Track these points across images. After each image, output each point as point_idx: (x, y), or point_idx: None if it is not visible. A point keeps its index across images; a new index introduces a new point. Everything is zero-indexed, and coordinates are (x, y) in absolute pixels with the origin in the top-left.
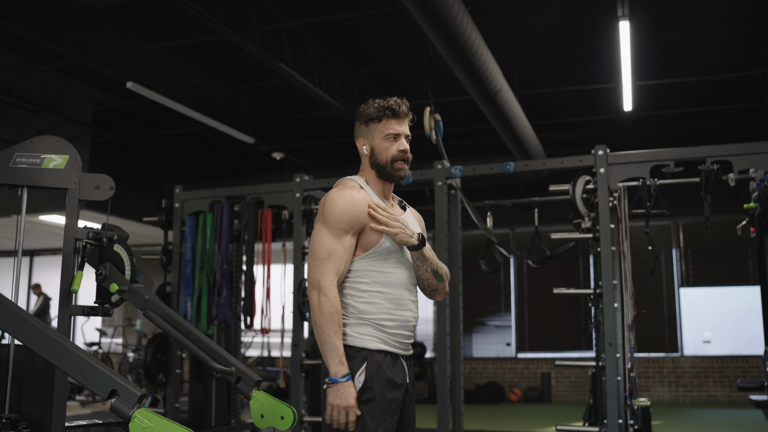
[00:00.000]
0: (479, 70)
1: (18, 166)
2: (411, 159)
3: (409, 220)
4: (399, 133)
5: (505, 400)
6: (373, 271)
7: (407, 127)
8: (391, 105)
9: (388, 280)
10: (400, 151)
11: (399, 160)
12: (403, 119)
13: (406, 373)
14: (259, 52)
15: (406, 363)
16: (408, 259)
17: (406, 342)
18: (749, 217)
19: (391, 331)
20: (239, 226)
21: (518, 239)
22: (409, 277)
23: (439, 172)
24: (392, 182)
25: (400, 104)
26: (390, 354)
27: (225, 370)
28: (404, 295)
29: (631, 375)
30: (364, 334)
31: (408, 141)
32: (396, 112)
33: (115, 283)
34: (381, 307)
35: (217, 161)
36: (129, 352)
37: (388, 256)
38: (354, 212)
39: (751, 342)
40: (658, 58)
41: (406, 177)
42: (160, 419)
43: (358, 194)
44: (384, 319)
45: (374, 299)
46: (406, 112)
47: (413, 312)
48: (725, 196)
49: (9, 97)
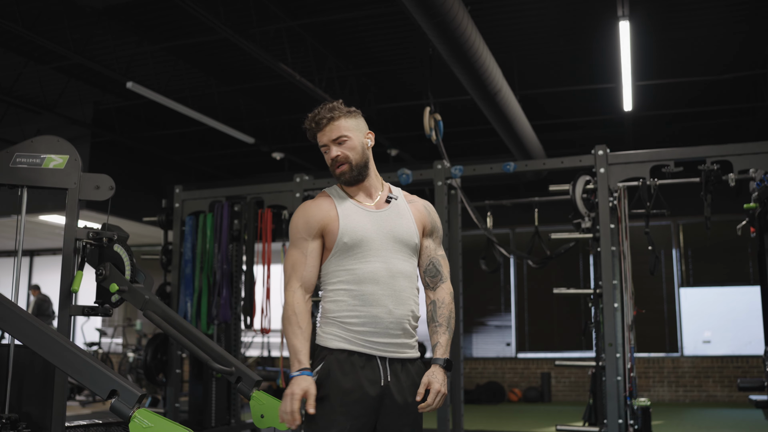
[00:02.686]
0: (479, 70)
1: (18, 166)
2: (349, 156)
3: (391, 213)
4: (325, 144)
5: (505, 400)
6: (340, 269)
7: (334, 129)
8: (306, 126)
9: (353, 276)
10: (332, 160)
11: (336, 167)
12: (325, 127)
13: (381, 375)
14: (259, 52)
15: (390, 365)
16: (387, 253)
17: (381, 341)
18: (749, 217)
19: (356, 329)
20: (239, 226)
21: (518, 239)
22: (386, 271)
23: (439, 172)
24: (350, 185)
25: (315, 117)
26: (358, 354)
27: (225, 370)
28: (375, 291)
29: (631, 375)
30: (328, 333)
31: (340, 141)
32: (314, 127)
33: (115, 283)
34: (345, 305)
35: (217, 161)
36: (129, 352)
37: (352, 252)
38: (306, 219)
39: (751, 342)
40: (658, 58)
41: (350, 176)
42: (160, 419)
43: (313, 202)
44: (347, 317)
45: (338, 297)
46: (325, 118)
47: (388, 307)
48: (725, 196)
49: (9, 97)
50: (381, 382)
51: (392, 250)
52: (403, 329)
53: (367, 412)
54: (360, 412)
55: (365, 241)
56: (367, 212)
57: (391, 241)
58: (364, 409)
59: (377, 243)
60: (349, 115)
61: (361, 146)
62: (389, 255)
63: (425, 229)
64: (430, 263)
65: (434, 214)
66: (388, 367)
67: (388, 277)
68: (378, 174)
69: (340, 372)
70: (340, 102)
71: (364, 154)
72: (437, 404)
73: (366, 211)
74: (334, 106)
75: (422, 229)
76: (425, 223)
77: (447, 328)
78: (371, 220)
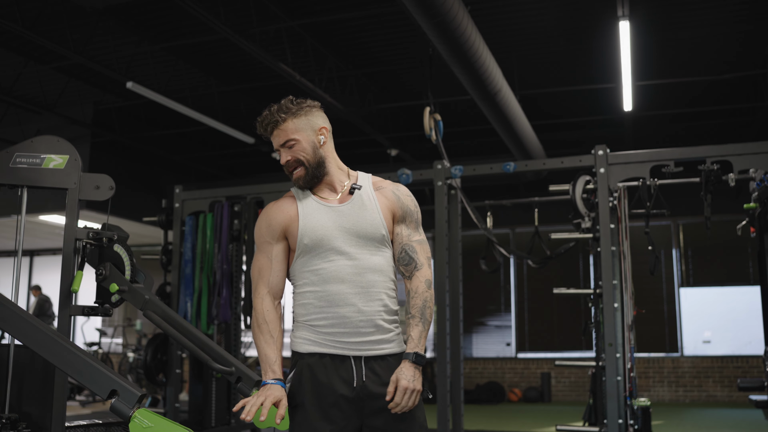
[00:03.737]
0: (479, 70)
1: (18, 166)
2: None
3: (354, 206)
4: (276, 148)
5: (505, 400)
6: (305, 270)
7: (281, 134)
8: (258, 130)
9: (318, 277)
10: (284, 166)
11: (290, 172)
12: (272, 132)
13: (354, 375)
14: (259, 52)
15: (365, 364)
16: (352, 249)
17: (353, 341)
18: (749, 217)
19: (326, 331)
20: (239, 226)
21: (518, 239)
22: (352, 268)
23: (439, 172)
24: (308, 188)
25: (262, 122)
26: (330, 356)
27: (225, 370)
28: (341, 290)
29: (631, 375)
30: (299, 338)
31: (288, 146)
32: (263, 133)
33: (115, 283)
34: (312, 307)
35: (217, 161)
36: (129, 352)
37: (315, 252)
38: (268, 222)
39: (751, 342)
40: (658, 58)
41: (306, 180)
42: (160, 419)
43: (275, 204)
44: (315, 319)
45: (305, 300)
46: (270, 124)
47: (357, 306)
48: (725, 196)
49: (9, 97)
50: (354, 382)
51: (357, 245)
52: (375, 326)
53: (345, 414)
54: (338, 416)
55: (326, 239)
56: (328, 209)
57: (353, 236)
58: (342, 412)
59: (339, 240)
60: (298, 114)
61: (311, 146)
62: (354, 251)
63: (395, 216)
64: (402, 251)
65: (405, 197)
66: (364, 366)
67: (354, 274)
68: (342, 165)
69: (312, 376)
70: (289, 99)
71: (316, 154)
72: (407, 403)
73: (327, 207)
74: (280, 107)
75: (391, 216)
76: (394, 209)
77: (420, 320)
78: (332, 217)
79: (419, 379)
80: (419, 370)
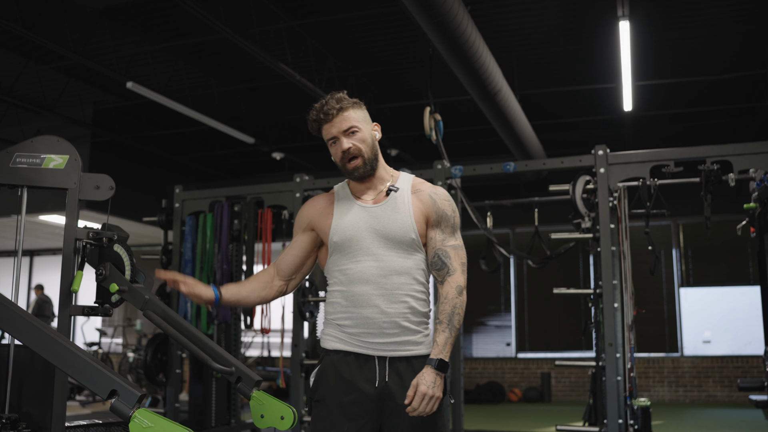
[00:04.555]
0: (479, 70)
1: (18, 166)
2: (361, 148)
3: (387, 208)
4: (334, 136)
5: (505, 400)
6: (335, 269)
7: (345, 120)
8: (313, 117)
9: (346, 277)
10: (343, 153)
11: (347, 161)
12: (334, 118)
13: (377, 376)
14: (259, 52)
15: (390, 365)
16: (380, 251)
17: (378, 341)
18: (749, 217)
19: (351, 330)
20: (239, 226)
21: (518, 239)
22: (377, 270)
23: (439, 172)
24: (362, 180)
25: (322, 108)
26: (355, 354)
27: (225, 370)
28: (365, 291)
29: (631, 375)
30: (326, 335)
31: (350, 133)
32: (322, 119)
33: (115, 283)
34: (339, 306)
35: (217, 161)
36: (129, 352)
37: (344, 251)
38: (300, 213)
39: (751, 342)
40: (658, 58)
41: (364, 171)
42: (160, 419)
43: (313, 199)
44: (341, 318)
45: (334, 298)
46: (334, 108)
47: (380, 308)
48: (725, 196)
49: (9, 97)
50: (376, 382)
51: (385, 247)
52: (400, 327)
53: (364, 413)
54: (357, 413)
55: (355, 239)
56: (361, 209)
57: (382, 238)
58: (362, 410)
59: (368, 241)
60: (357, 105)
61: (371, 138)
62: (382, 252)
63: (429, 220)
64: (435, 255)
65: (442, 201)
66: (388, 366)
67: (379, 276)
68: (386, 165)
69: (335, 373)
70: (344, 92)
71: (374, 147)
72: (424, 408)
73: (361, 207)
74: (341, 97)
75: (425, 220)
76: (428, 213)
77: (447, 326)
78: (363, 217)
79: (440, 386)
80: (441, 376)
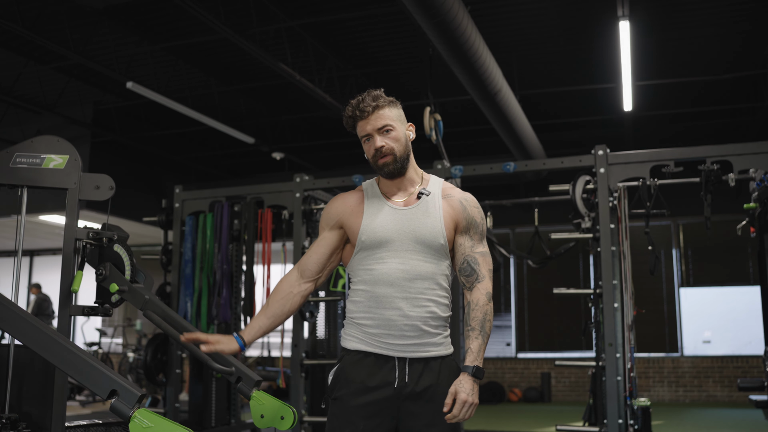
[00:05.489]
0: (479, 70)
1: (18, 166)
2: (394, 147)
3: (418, 211)
4: (368, 133)
5: (505, 400)
6: (360, 269)
7: (380, 118)
8: (348, 114)
9: (370, 276)
10: (375, 150)
11: (379, 158)
12: (369, 115)
13: (396, 377)
14: (259, 52)
15: (409, 366)
16: (407, 254)
17: (398, 343)
18: (749, 217)
19: (371, 331)
20: (239, 226)
21: (518, 239)
22: (402, 273)
23: (439, 172)
24: (390, 178)
25: (358, 105)
26: (375, 355)
27: (225, 370)
28: (388, 293)
29: (631, 375)
30: (347, 334)
31: (385, 131)
32: (358, 115)
33: (115, 283)
34: (362, 306)
35: (217, 161)
36: (129, 352)
37: (372, 252)
38: (328, 210)
39: (751, 342)
40: (658, 58)
41: (394, 168)
42: (160, 419)
43: (342, 195)
44: (363, 318)
45: (357, 297)
46: (370, 106)
47: (403, 311)
48: (725, 196)
49: (9, 97)
50: (396, 383)
51: (413, 251)
52: (420, 331)
53: (381, 412)
54: (373, 412)
55: (384, 241)
56: (393, 210)
57: (411, 241)
58: (379, 409)
59: (397, 243)
60: (393, 104)
61: (404, 138)
62: (409, 256)
63: (458, 226)
64: (465, 262)
65: (472, 208)
66: (407, 367)
67: (404, 279)
68: (417, 167)
69: (354, 372)
70: (381, 91)
71: (407, 147)
72: (464, 415)
73: (393, 209)
74: (378, 95)
75: (454, 226)
76: (458, 219)
77: (480, 333)
78: (395, 220)
79: (477, 392)
80: (477, 384)
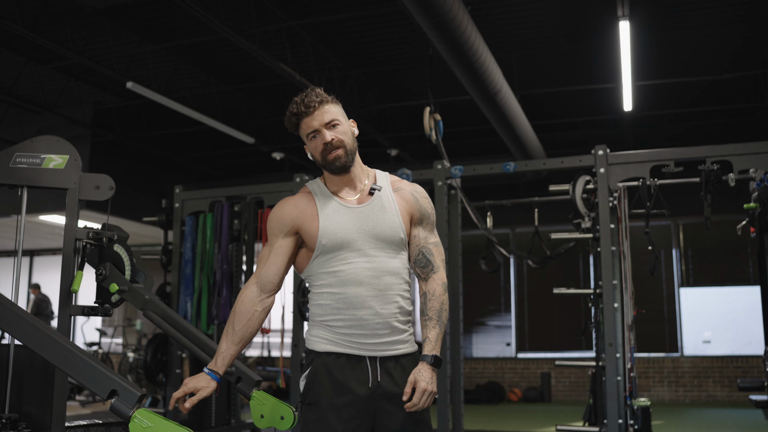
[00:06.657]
0: (479, 70)
1: (18, 166)
2: (344, 140)
3: (374, 207)
4: (315, 129)
5: (505, 400)
6: (322, 272)
7: (326, 113)
8: (293, 111)
9: (337, 279)
10: (324, 145)
11: (329, 152)
12: (315, 111)
13: (369, 376)
14: (259, 52)
15: (381, 364)
16: (371, 251)
17: (370, 342)
18: (749, 217)
19: (342, 332)
20: (239, 226)
21: (518, 239)
22: (370, 271)
23: (439, 172)
24: (340, 174)
25: (303, 101)
26: (346, 355)
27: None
28: (359, 293)
29: (631, 375)
30: (314, 336)
31: (332, 125)
32: (303, 112)
33: (115, 283)
34: (329, 308)
35: (217, 161)
36: (129, 352)
37: (334, 253)
38: (280, 216)
39: (751, 342)
40: (658, 58)
41: (346, 161)
42: (160, 419)
43: (290, 199)
44: (332, 320)
45: (323, 300)
46: (315, 102)
47: (374, 309)
48: (725, 196)
49: (9, 97)
50: (369, 382)
51: (376, 248)
52: (391, 328)
53: (359, 414)
54: (352, 415)
55: (346, 242)
56: (348, 210)
57: (373, 239)
58: (356, 411)
59: (359, 243)
60: (335, 101)
61: (351, 132)
62: (373, 253)
63: (413, 218)
64: (419, 253)
65: (423, 199)
66: (379, 366)
67: (372, 277)
68: (362, 163)
69: (328, 375)
70: (321, 89)
71: (354, 142)
72: (424, 403)
73: (347, 208)
74: (320, 92)
75: (409, 218)
76: (412, 212)
77: (437, 322)
78: (352, 219)
79: (435, 381)
80: (435, 372)
